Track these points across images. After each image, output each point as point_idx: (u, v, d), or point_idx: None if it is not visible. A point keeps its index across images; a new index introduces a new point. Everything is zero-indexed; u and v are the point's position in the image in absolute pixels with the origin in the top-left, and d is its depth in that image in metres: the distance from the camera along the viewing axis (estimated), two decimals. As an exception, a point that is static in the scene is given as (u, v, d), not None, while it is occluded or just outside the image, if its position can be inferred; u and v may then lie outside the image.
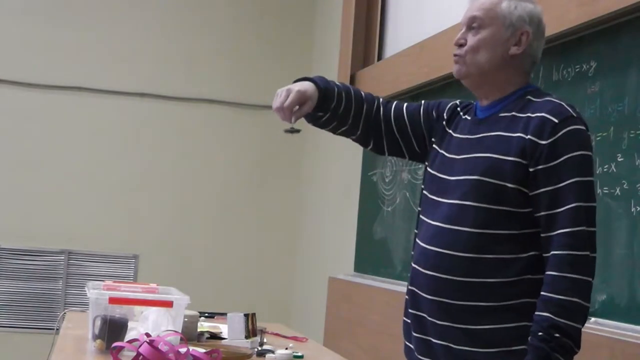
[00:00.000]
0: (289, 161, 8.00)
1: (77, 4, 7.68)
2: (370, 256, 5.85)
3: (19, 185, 7.55)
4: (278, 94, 2.51)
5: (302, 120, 2.59)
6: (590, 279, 2.23)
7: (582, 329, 2.26)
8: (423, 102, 2.68)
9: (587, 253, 2.23)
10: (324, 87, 2.56)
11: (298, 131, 2.52)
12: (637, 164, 3.14)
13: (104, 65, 7.71)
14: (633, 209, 3.14)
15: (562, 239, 2.22)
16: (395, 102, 2.70)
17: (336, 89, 2.60)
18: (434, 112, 2.62)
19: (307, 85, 2.53)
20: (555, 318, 2.19)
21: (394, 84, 5.26)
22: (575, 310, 2.21)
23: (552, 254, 2.23)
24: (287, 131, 2.54)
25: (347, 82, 5.93)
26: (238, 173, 7.96)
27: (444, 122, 2.57)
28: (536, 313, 2.22)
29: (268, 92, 7.52)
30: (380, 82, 5.47)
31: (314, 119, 2.64)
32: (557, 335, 2.18)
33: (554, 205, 2.25)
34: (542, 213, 2.27)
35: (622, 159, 3.23)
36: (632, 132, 3.20)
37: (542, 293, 2.23)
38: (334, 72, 6.26)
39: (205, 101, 7.88)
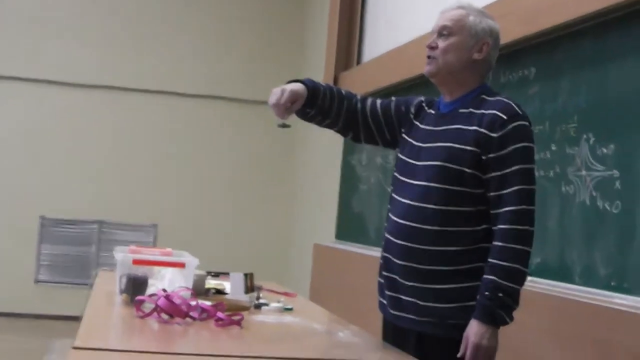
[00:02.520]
0: (284, 148, 8.02)
1: (112, 21, 7.68)
2: (349, 226, 5.86)
3: (60, 167, 7.58)
4: (274, 92, 2.48)
5: (293, 117, 2.57)
6: (529, 249, 2.25)
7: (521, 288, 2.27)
8: (394, 98, 2.66)
9: (527, 227, 2.24)
10: (312, 88, 2.54)
11: (289, 126, 2.49)
12: (567, 152, 3.16)
13: (131, 69, 7.71)
14: (563, 189, 3.16)
15: (507, 216, 2.23)
16: (370, 99, 2.67)
17: (322, 89, 2.57)
18: (402, 107, 2.59)
19: (298, 86, 2.51)
20: (500, 281, 2.20)
21: (371, 84, 5.25)
22: (516, 275, 2.23)
23: (499, 228, 2.24)
24: (279, 126, 2.51)
25: (332, 83, 5.94)
26: (241, 158, 7.98)
27: (412, 115, 2.55)
28: (484, 276, 2.23)
29: (267, 90, 7.59)
30: (359, 83, 5.46)
31: (303, 114, 2.62)
32: (500, 295, 2.20)
33: (501, 187, 2.25)
34: (492, 193, 2.28)
35: (555, 148, 3.25)
36: (563, 126, 3.22)
37: (489, 260, 2.24)
38: (320, 74, 6.25)
39: (213, 97, 7.90)
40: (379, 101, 2.65)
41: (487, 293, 2.21)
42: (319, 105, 2.57)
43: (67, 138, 7.60)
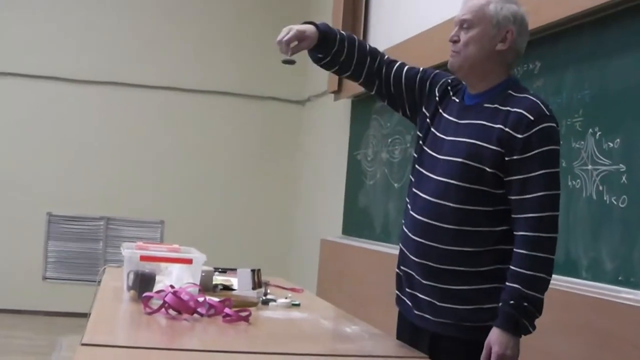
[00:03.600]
0: (288, 143, 8.02)
1: (106, 13, 7.69)
2: (355, 221, 5.86)
3: (67, 164, 7.59)
4: (283, 30, 2.43)
5: (303, 58, 2.51)
6: (553, 257, 2.19)
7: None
8: (421, 69, 2.54)
9: (552, 235, 2.18)
10: (323, 31, 2.48)
11: (293, 62, 2.43)
12: (572, 146, 3.15)
13: (137, 65, 7.72)
14: (570, 183, 3.15)
15: (531, 222, 2.16)
16: (397, 64, 2.55)
17: (338, 36, 2.50)
18: (428, 83, 2.49)
19: (307, 27, 2.46)
20: (524, 290, 2.14)
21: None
22: (541, 284, 2.17)
23: (523, 235, 2.18)
24: (283, 62, 2.46)
25: (336, 76, 5.93)
26: (246, 154, 7.98)
27: (437, 98, 2.45)
28: (507, 284, 2.17)
29: (269, 85, 7.62)
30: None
31: (316, 60, 2.55)
32: (525, 304, 2.14)
33: (524, 192, 2.18)
34: (514, 197, 2.20)
35: (561, 142, 3.22)
36: (568, 120, 3.21)
37: (513, 267, 2.17)
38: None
39: (219, 93, 7.90)
40: (405, 69, 2.55)
41: (512, 302, 2.15)
42: (334, 53, 2.51)
43: (73, 134, 7.60)
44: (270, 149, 8.02)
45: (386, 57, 2.59)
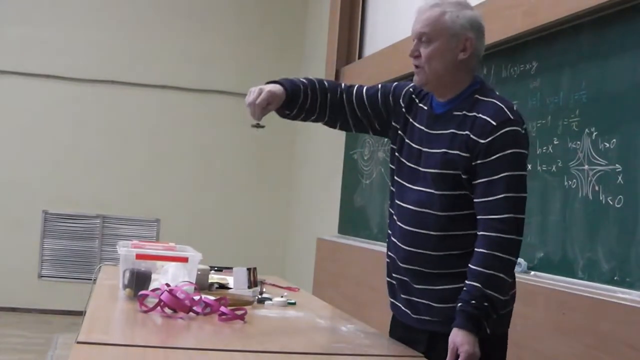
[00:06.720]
0: (284, 142, 8.01)
1: (113, 16, 7.69)
2: (352, 221, 5.86)
3: (63, 162, 7.58)
4: (251, 91, 2.43)
5: (271, 115, 2.50)
6: (513, 259, 2.20)
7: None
8: (380, 85, 2.56)
9: (514, 237, 2.17)
10: (291, 91, 2.48)
11: (263, 127, 2.44)
12: (569, 146, 3.15)
13: (133, 63, 7.71)
14: (566, 183, 3.15)
15: (491, 223, 2.17)
16: (356, 87, 2.56)
17: (302, 89, 2.50)
18: (390, 97, 2.50)
19: (276, 88, 2.45)
20: (485, 289, 2.14)
21: (372, 78, 5.23)
22: (501, 284, 2.17)
23: (483, 234, 2.18)
24: (253, 126, 2.46)
25: (333, 77, 5.94)
26: (242, 152, 7.98)
27: (404, 109, 2.47)
28: (467, 282, 2.18)
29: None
30: (360, 76, 5.45)
31: (282, 115, 2.57)
32: (486, 304, 2.14)
33: (486, 194, 2.19)
34: (478, 200, 2.22)
35: (557, 142, 3.24)
36: (565, 120, 3.21)
37: (472, 266, 2.18)
38: (322, 68, 6.24)
39: (215, 91, 7.88)
40: (365, 89, 2.57)
41: (473, 302, 2.14)
42: (300, 105, 2.52)
43: (69, 132, 7.60)
44: (267, 148, 8.02)
45: (343, 84, 2.60)
